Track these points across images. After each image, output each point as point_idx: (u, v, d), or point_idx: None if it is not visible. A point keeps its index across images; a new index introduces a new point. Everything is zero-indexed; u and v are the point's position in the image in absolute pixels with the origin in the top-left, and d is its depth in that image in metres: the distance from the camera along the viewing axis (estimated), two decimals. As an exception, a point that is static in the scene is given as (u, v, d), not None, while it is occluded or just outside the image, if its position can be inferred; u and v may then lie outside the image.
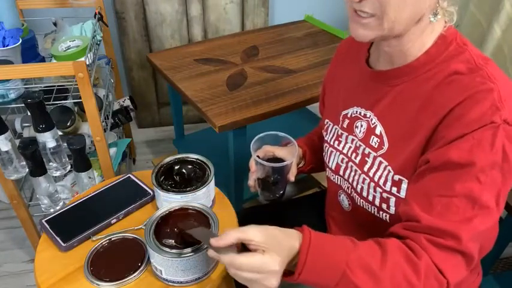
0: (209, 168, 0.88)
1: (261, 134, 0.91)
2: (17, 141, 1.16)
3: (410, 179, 0.68)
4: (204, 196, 0.85)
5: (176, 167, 0.90)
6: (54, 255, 0.80)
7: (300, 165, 0.97)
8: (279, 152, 0.89)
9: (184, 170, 0.89)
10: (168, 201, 0.82)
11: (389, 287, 0.60)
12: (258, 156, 0.85)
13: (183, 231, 0.72)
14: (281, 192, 0.90)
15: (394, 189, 0.70)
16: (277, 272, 0.59)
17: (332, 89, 0.90)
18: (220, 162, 1.23)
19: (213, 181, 0.87)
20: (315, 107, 1.79)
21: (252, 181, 0.89)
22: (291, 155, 0.88)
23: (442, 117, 0.63)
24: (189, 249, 0.70)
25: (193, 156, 0.92)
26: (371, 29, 0.64)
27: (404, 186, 0.69)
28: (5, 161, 1.17)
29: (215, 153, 1.34)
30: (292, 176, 0.88)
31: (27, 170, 1.19)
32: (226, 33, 2.10)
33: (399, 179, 0.70)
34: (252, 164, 0.88)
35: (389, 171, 0.71)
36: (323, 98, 0.98)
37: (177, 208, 0.78)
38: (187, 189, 0.84)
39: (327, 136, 0.88)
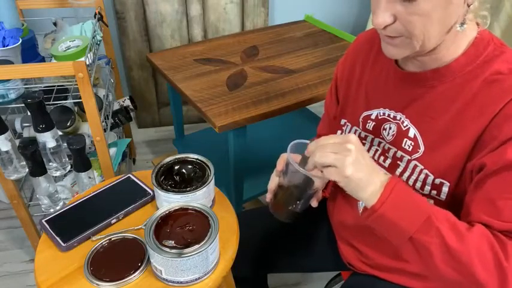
0: (209, 168, 0.88)
1: (307, 141, 0.74)
2: (17, 141, 1.16)
3: (453, 181, 0.67)
4: (204, 196, 0.85)
5: (176, 167, 0.90)
6: (54, 255, 0.80)
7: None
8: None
9: (184, 170, 0.89)
10: (168, 201, 0.82)
11: (474, 252, 0.59)
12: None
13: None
14: (296, 214, 0.76)
15: (434, 193, 0.70)
16: (353, 153, 0.61)
17: (350, 87, 0.86)
18: (220, 162, 1.23)
19: (213, 181, 0.87)
20: (315, 107, 1.80)
21: (273, 183, 0.79)
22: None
23: (491, 119, 0.62)
24: (189, 249, 0.70)
25: (193, 156, 0.92)
26: (402, 47, 0.64)
27: (445, 189, 0.68)
28: (5, 161, 1.17)
29: (215, 153, 1.34)
30: (316, 201, 0.79)
31: (27, 170, 1.19)
32: (226, 33, 2.10)
33: (440, 182, 0.68)
34: (280, 161, 0.78)
35: (427, 175, 0.70)
36: (336, 95, 0.92)
37: (177, 208, 0.78)
38: (187, 189, 0.84)
39: None
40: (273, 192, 0.79)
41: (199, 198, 0.83)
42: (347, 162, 0.61)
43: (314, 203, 0.79)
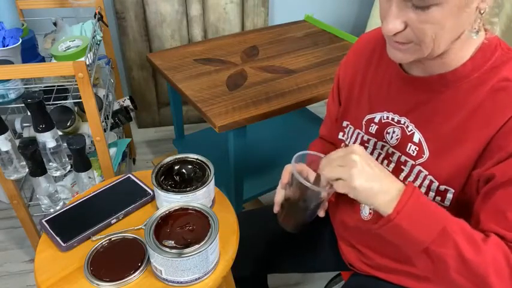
0: (209, 168, 0.88)
1: (311, 152, 0.76)
2: (17, 141, 1.16)
3: (458, 188, 0.67)
4: (204, 196, 0.85)
5: (176, 167, 0.90)
6: (54, 255, 0.80)
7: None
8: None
9: (184, 170, 0.89)
10: (168, 201, 0.82)
11: (490, 264, 0.59)
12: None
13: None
14: (303, 224, 0.77)
15: (438, 199, 0.69)
16: (358, 163, 0.61)
17: (352, 90, 0.85)
18: (220, 162, 1.23)
19: (213, 181, 0.87)
20: (315, 107, 1.80)
21: (279, 196, 0.79)
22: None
23: (498, 128, 0.61)
24: (189, 249, 0.70)
25: (193, 156, 0.91)
26: (410, 53, 0.63)
27: (449, 196, 0.68)
28: (5, 161, 1.17)
29: (215, 153, 1.34)
30: (323, 211, 0.79)
31: (27, 170, 1.19)
32: (226, 33, 2.10)
33: (445, 189, 0.68)
34: (285, 174, 0.78)
35: (431, 181, 0.69)
36: (338, 97, 0.91)
37: (177, 208, 0.78)
38: (187, 189, 0.84)
39: (348, 140, 0.84)
40: (280, 205, 0.80)
41: (199, 198, 0.83)
42: (353, 174, 0.61)
43: (321, 213, 0.79)
